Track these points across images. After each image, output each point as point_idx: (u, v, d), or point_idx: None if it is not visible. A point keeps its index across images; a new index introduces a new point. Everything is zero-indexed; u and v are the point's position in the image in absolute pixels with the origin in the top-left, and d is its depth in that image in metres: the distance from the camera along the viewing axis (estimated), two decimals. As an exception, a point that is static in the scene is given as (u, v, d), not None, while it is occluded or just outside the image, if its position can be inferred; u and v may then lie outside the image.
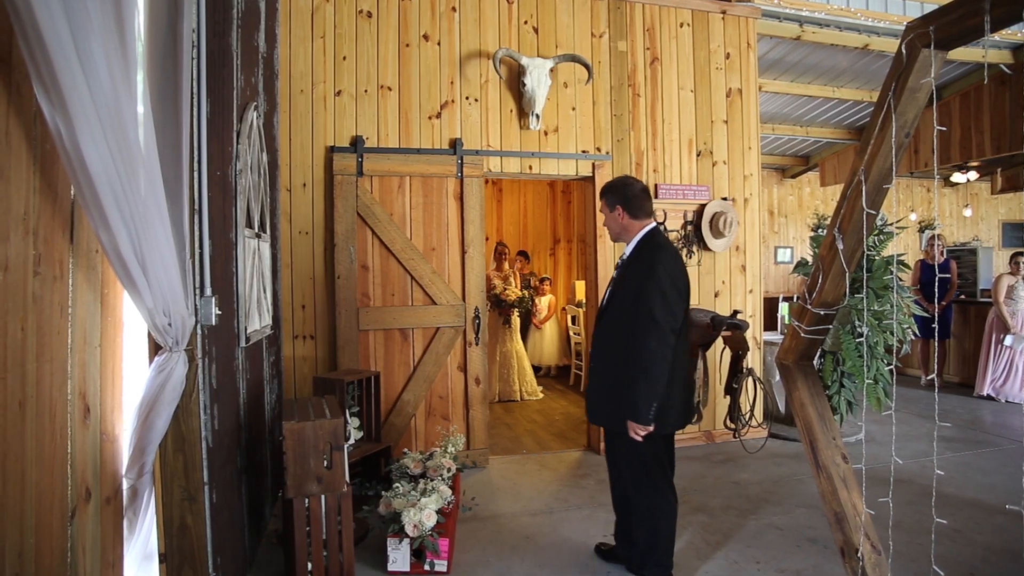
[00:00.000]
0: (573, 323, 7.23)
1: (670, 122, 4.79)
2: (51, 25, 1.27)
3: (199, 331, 2.19)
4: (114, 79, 1.47)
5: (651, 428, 2.50)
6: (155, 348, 2.07)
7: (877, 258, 4.29)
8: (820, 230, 9.38)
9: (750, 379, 4.44)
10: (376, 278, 4.18)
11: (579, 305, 7.10)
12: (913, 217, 10.16)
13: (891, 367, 4.11)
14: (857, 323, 4.02)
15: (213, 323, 2.24)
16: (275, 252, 3.85)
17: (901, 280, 4.46)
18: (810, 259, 5.22)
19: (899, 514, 3.34)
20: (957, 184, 9.70)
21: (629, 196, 2.68)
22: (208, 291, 2.23)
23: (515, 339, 6.54)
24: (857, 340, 3.96)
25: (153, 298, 1.83)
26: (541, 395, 6.62)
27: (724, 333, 4.41)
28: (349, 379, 3.57)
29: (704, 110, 4.87)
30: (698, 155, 4.86)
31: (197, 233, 2.19)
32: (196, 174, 2.20)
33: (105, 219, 1.55)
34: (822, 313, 2.23)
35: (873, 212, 2.00)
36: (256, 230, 3.17)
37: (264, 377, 3.45)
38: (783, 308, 5.48)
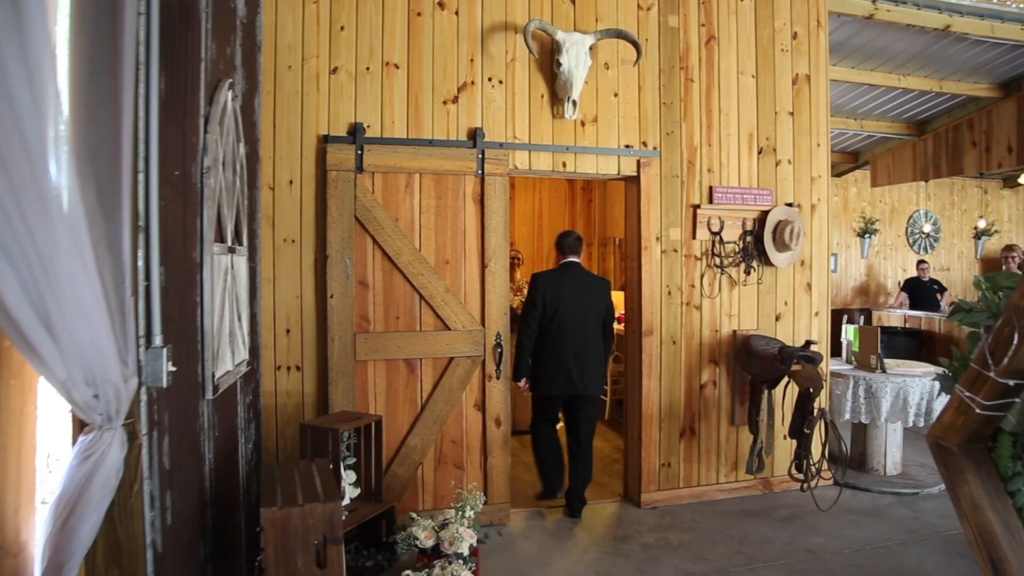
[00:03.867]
0: (595, 340, 6.70)
1: (728, 112, 4.27)
2: None
3: (144, 396, 1.66)
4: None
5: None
6: (80, 425, 1.54)
7: None
8: (868, 235, 8.89)
9: (822, 422, 3.94)
10: (377, 297, 3.65)
11: (603, 320, 6.58)
12: (982, 223, 9.67)
13: None
14: None
15: (164, 384, 1.70)
16: (254, 266, 3.32)
17: None
18: (965, 299, 4.66)
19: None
20: (1021, 185, 9.24)
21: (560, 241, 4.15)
22: (158, 339, 1.70)
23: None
24: None
25: (67, 366, 1.29)
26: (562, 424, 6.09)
27: (794, 367, 3.91)
28: (345, 427, 3.04)
29: (767, 99, 4.35)
30: (759, 152, 4.34)
31: (142, 259, 1.65)
32: (142, 175, 1.66)
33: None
34: (1011, 384, 1.70)
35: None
36: (230, 243, 2.63)
37: (239, 425, 2.92)
38: (848, 332, 4.97)
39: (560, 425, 4.24)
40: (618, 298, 7.51)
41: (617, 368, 6.42)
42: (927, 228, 9.46)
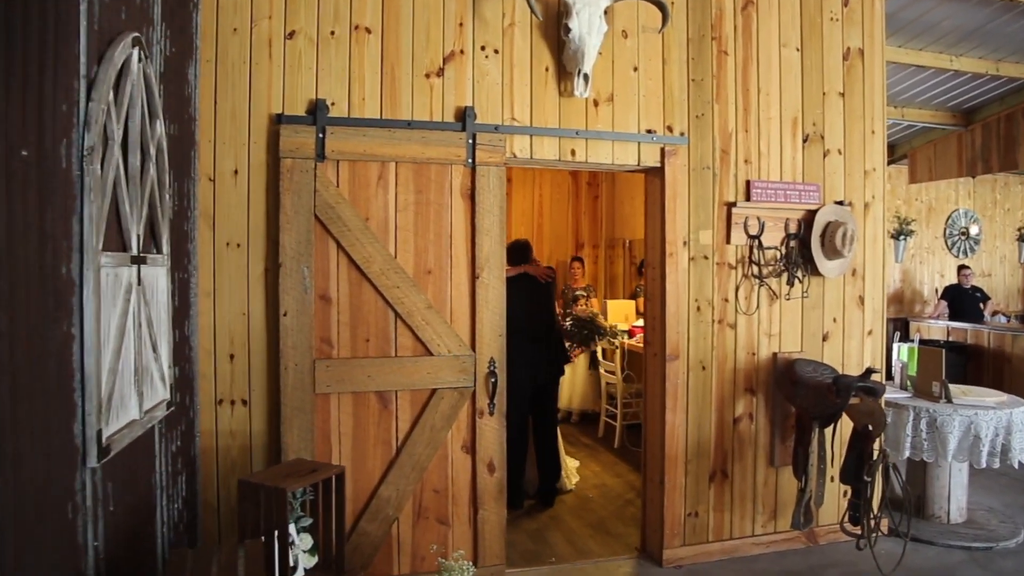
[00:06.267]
0: (604, 357, 6.17)
1: (768, 92, 3.74)
2: None
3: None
4: None
5: None
6: None
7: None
8: (903, 237, 8.39)
9: (882, 466, 3.41)
10: (342, 315, 3.10)
11: (613, 334, 6.05)
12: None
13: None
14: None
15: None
16: (185, 277, 2.77)
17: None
18: None
19: None
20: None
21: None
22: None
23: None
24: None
25: None
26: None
27: (852, 399, 3.38)
28: (295, 486, 2.49)
29: (813, 76, 3.83)
30: (805, 140, 3.82)
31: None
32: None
33: None
34: None
35: None
36: (137, 250, 2.09)
37: (157, 484, 2.37)
38: (902, 352, 4.45)
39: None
40: (627, 307, 7.00)
41: (629, 388, 5.89)
42: (973, 230, 8.93)
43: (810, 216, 3.76)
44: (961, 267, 8.28)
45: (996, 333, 6.90)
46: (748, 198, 3.67)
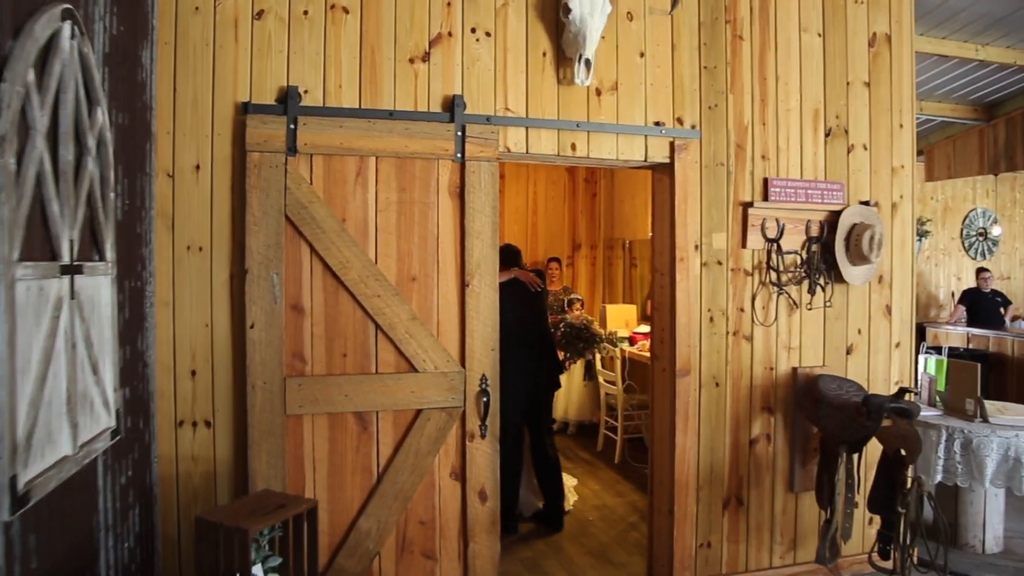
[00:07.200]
0: (603, 366, 5.95)
1: (787, 81, 3.52)
2: None
3: None
4: None
5: None
6: None
7: None
8: (919, 237, 8.21)
9: (915, 494, 3.20)
10: (317, 328, 2.87)
11: (612, 342, 5.83)
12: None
13: None
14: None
15: None
16: (138, 285, 2.54)
17: None
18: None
19: None
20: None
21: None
22: None
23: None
24: None
25: None
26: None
27: (884, 422, 3.17)
28: (259, 526, 2.26)
29: (837, 65, 3.62)
30: (827, 135, 3.60)
31: None
32: None
33: None
34: None
35: None
36: (70, 258, 1.85)
37: (99, 525, 2.14)
38: (928, 364, 4.24)
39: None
40: (627, 312, 6.78)
41: (630, 399, 5.68)
42: (995, 231, 8.73)
43: (833, 218, 3.55)
44: (980, 270, 8.08)
45: (1021, 341, 6.70)
46: (766, 198, 3.45)
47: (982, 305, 7.78)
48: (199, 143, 2.82)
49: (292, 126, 2.82)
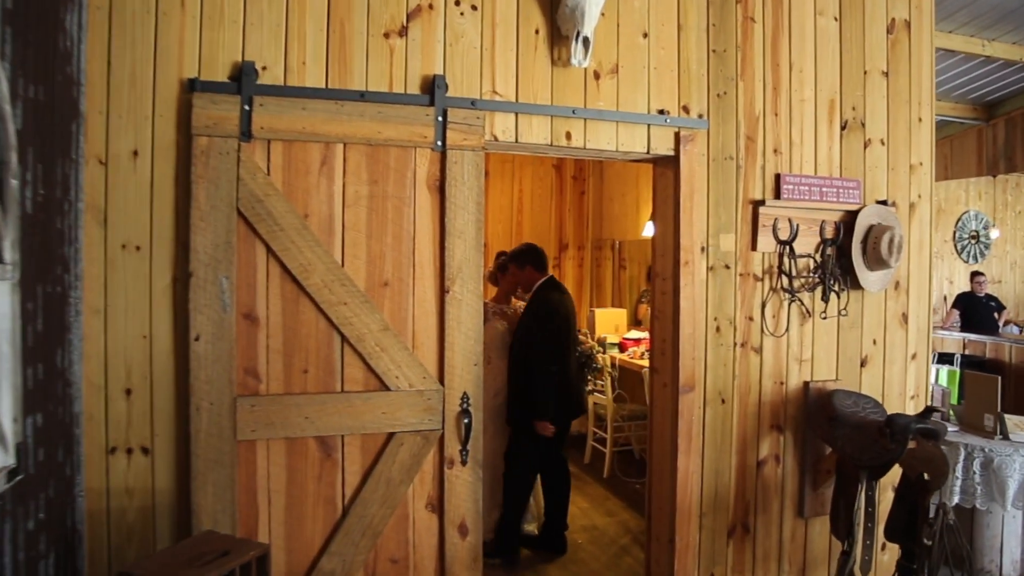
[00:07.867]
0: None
1: (801, 69, 3.21)
2: None
3: None
4: None
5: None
6: None
7: None
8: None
9: (940, 523, 2.91)
10: (273, 340, 2.50)
11: (603, 346, 5.50)
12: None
13: None
14: None
15: None
16: (58, 290, 2.15)
17: None
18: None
19: None
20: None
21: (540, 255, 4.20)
22: None
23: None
24: None
25: None
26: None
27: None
28: (195, 582, 1.89)
29: (854, 52, 3.31)
30: (843, 128, 3.30)
31: None
32: None
33: None
34: None
35: None
36: (-55, 260, 1.47)
37: (-5, 584, 1.75)
38: (941, 376, 3.97)
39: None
40: (617, 316, 6.46)
41: (620, 410, 5.36)
42: (993, 234, 8.54)
43: (849, 218, 3.25)
44: (974, 273, 7.88)
45: (1019, 347, 6.48)
46: (778, 195, 3.13)
47: (976, 309, 7.58)
48: (138, 125, 2.43)
49: (247, 107, 2.44)
